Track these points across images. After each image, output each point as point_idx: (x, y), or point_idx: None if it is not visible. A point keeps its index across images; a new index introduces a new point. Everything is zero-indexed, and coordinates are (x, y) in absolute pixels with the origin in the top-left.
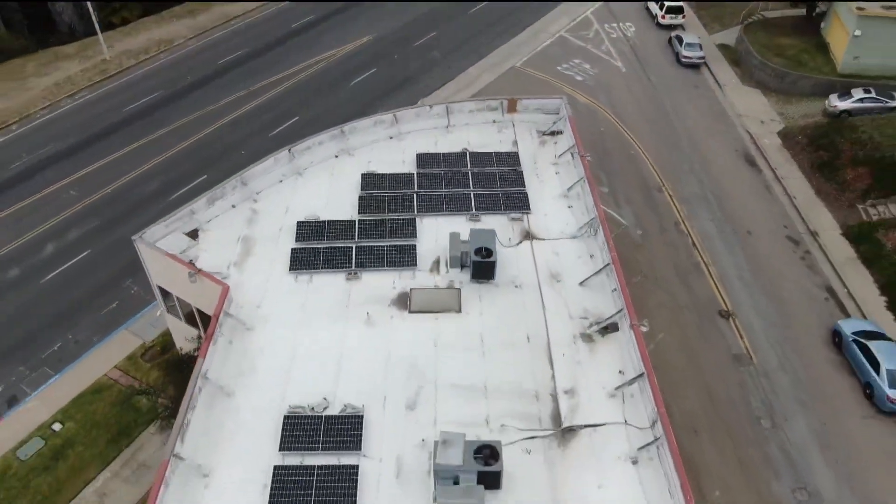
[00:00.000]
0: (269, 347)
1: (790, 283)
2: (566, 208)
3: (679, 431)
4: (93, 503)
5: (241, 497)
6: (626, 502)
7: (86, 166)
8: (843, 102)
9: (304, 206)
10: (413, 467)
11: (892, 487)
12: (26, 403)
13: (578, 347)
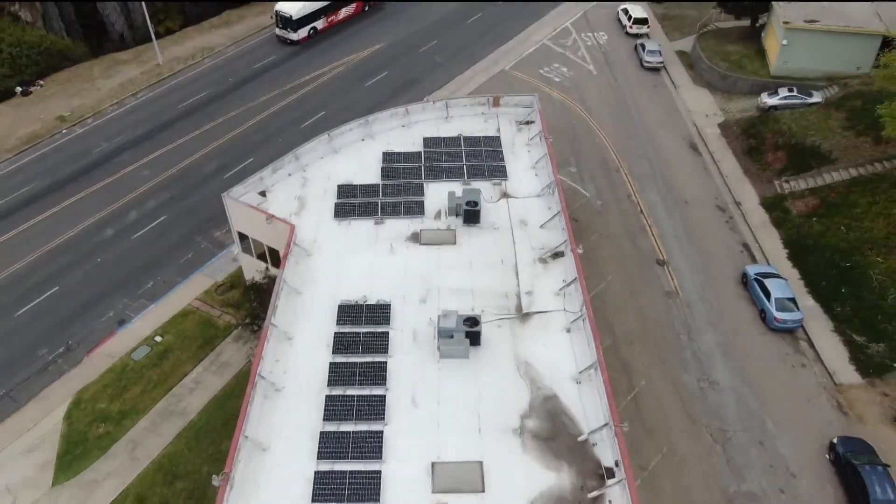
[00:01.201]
0: (323, 265)
1: (714, 240)
2: (533, 176)
3: (619, 342)
4: (190, 388)
5: (312, 351)
6: (561, 354)
7: (154, 151)
8: (771, 99)
9: (341, 174)
10: (424, 335)
11: (767, 376)
12: (132, 323)
13: (536, 266)
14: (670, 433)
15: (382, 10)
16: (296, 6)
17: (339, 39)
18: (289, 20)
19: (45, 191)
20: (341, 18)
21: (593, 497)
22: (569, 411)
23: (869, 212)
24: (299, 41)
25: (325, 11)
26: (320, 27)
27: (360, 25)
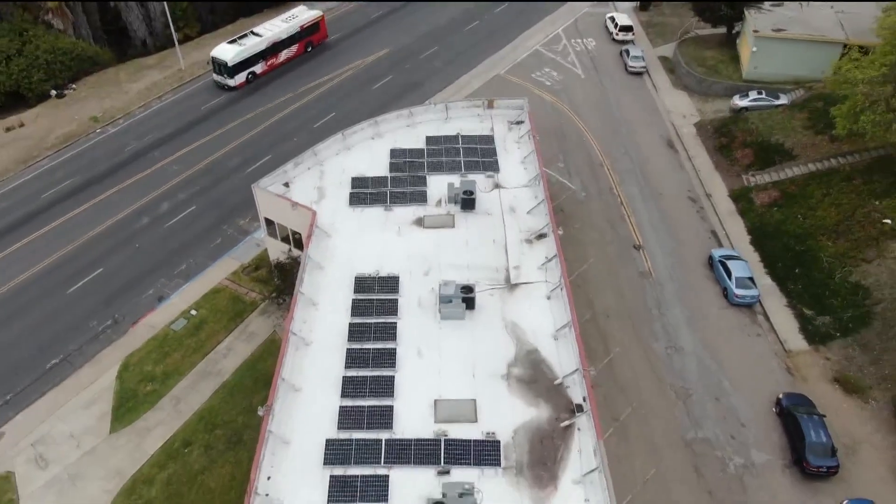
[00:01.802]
0: (341, 245)
1: (686, 227)
2: (522, 169)
3: (598, 315)
4: (224, 353)
5: (334, 314)
6: (541, 316)
7: (181, 149)
8: (742, 101)
9: (354, 168)
10: (427, 301)
11: (726, 344)
12: (170, 300)
13: (522, 246)
14: (640, 391)
15: (328, 48)
16: (232, 51)
17: (347, 46)
18: (224, 66)
19: (85, 184)
20: (282, 61)
21: (565, 426)
22: (547, 361)
23: (822, 202)
24: (237, 87)
25: (265, 55)
26: (259, 71)
27: (366, 33)
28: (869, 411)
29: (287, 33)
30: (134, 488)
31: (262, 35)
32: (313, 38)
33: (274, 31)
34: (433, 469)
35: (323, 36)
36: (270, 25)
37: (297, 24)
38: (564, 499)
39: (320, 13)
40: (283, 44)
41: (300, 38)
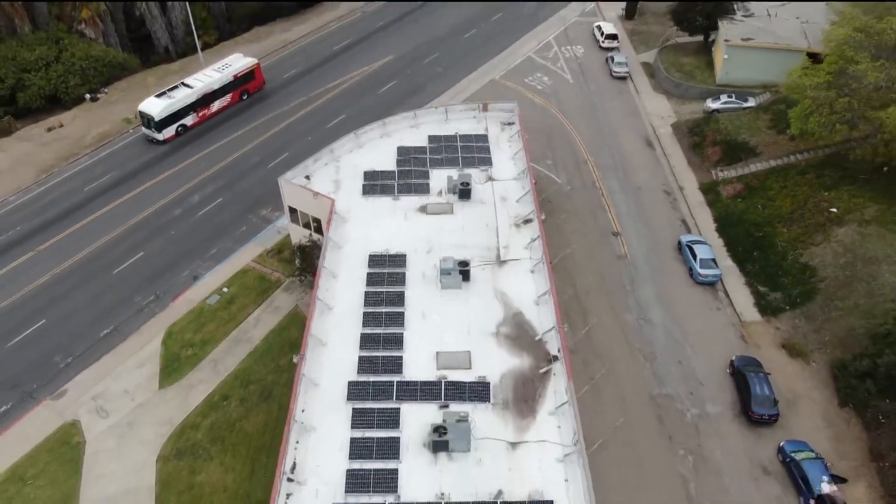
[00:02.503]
0: (356, 228)
1: (659, 216)
2: (512, 164)
3: (579, 292)
4: (253, 324)
5: (352, 285)
6: (526, 286)
7: (207, 147)
8: (714, 104)
9: (366, 163)
10: (430, 275)
11: (690, 316)
12: (204, 279)
13: (511, 229)
14: (613, 356)
15: (266, 97)
16: (159, 105)
17: (354, 53)
18: (151, 120)
19: (122, 179)
20: (215, 111)
21: (543, 372)
22: (529, 322)
23: (780, 194)
24: (166, 140)
25: (195, 106)
26: (190, 123)
27: (372, 40)
28: (809, 371)
29: (220, 83)
30: (182, 432)
31: (192, 86)
32: (249, 87)
33: (206, 82)
34: (436, 404)
35: (259, 83)
36: (202, 76)
37: (230, 73)
38: (541, 426)
39: (255, 61)
40: (215, 94)
41: (234, 87)
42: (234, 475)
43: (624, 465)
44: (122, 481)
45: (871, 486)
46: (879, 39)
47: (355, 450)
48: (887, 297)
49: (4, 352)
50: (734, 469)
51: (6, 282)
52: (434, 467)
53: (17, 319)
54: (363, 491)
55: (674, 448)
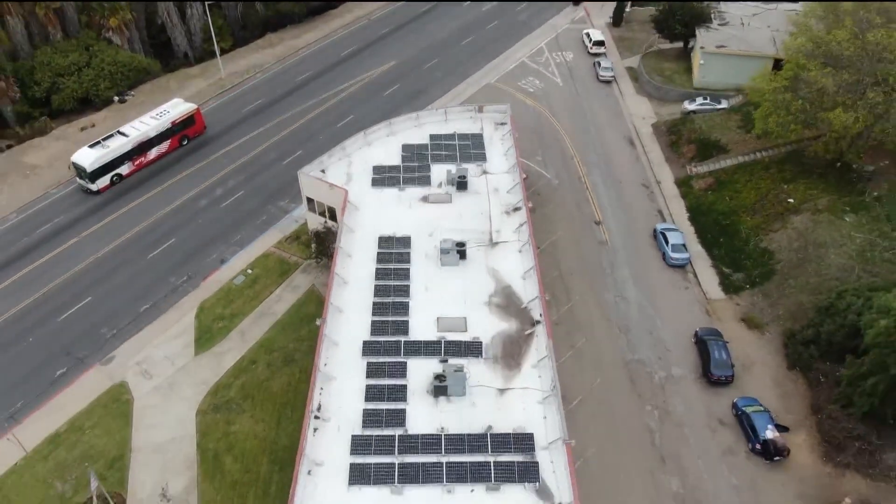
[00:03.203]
0: (367, 215)
1: (638, 207)
2: (504, 159)
3: (564, 273)
4: (275, 300)
5: (364, 263)
6: (514, 264)
7: (227, 145)
8: (690, 105)
9: (375, 159)
10: (431, 254)
11: (662, 294)
12: (230, 262)
13: (502, 216)
14: (592, 327)
15: (207, 143)
16: (91, 156)
17: (360, 58)
18: (84, 172)
19: (151, 174)
20: (152, 159)
21: (527, 334)
22: (516, 293)
23: (746, 186)
24: (100, 191)
25: (131, 155)
26: (126, 172)
27: (376, 47)
28: (763, 340)
29: (157, 131)
30: (217, 391)
31: (128, 135)
32: (188, 132)
33: (142, 130)
34: (436, 359)
35: (199, 128)
36: (139, 124)
37: (167, 120)
38: (524, 376)
39: (194, 107)
40: (152, 142)
41: (172, 133)
42: (263, 425)
43: (599, 418)
44: (168, 431)
45: (810, 433)
46: (827, 49)
47: (370, 394)
48: (832, 276)
49: (57, 325)
50: (694, 421)
51: (53, 265)
52: (435, 408)
53: (65, 297)
54: (377, 426)
55: (642, 404)
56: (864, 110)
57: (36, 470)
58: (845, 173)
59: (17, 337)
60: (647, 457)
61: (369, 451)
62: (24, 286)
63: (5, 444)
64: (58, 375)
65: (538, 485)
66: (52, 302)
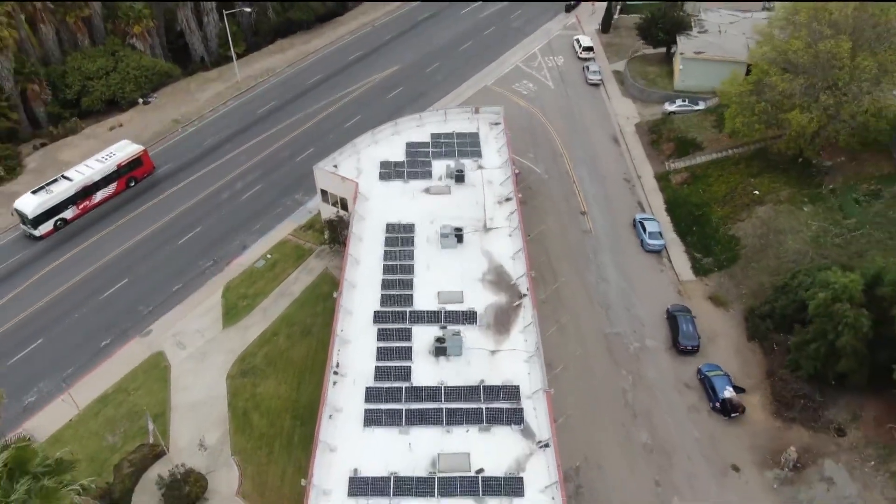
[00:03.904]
0: (375, 205)
1: (620, 199)
2: (497, 156)
3: (551, 258)
4: (293, 282)
5: (374, 246)
6: (505, 246)
7: (245, 143)
8: (670, 107)
9: (381, 155)
10: (432, 238)
11: (639, 277)
12: (251, 248)
13: (495, 206)
14: (576, 305)
15: (157, 184)
16: (33, 202)
17: (366, 63)
18: (25, 218)
19: (177, 169)
20: (98, 202)
21: (515, 305)
22: (507, 271)
23: (717, 180)
24: (43, 236)
25: (76, 199)
26: (70, 216)
27: (381, 52)
28: (727, 316)
29: (102, 174)
30: (244, 358)
31: (72, 179)
32: (136, 174)
33: (87, 174)
34: (437, 325)
35: (147, 169)
36: (84, 167)
37: (113, 163)
38: (513, 339)
39: (142, 148)
40: (97, 185)
41: (119, 176)
42: (285, 387)
43: (581, 382)
44: (202, 392)
45: (764, 394)
46: (786, 57)
47: (380, 355)
48: (789, 259)
49: (100, 302)
50: (663, 384)
51: (94, 250)
52: (436, 366)
53: (105, 278)
54: (387, 380)
55: (618, 370)
56: (817, 112)
57: (89, 425)
58: (805, 168)
59: (65, 313)
60: (621, 414)
61: (381, 400)
62: (68, 269)
63: (61, 404)
64: (103, 346)
65: (522, 426)
66: (94, 282)
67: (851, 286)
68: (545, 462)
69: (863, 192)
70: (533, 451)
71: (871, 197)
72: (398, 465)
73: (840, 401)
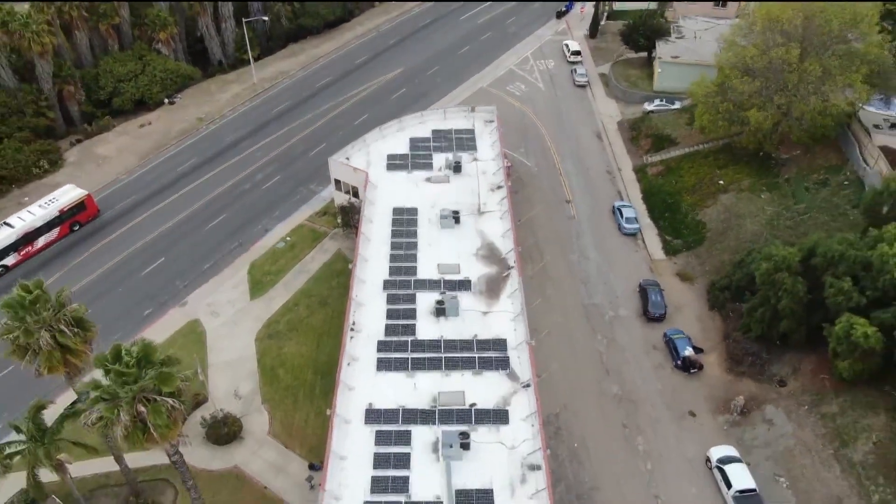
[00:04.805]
0: (383, 191)
1: (601, 189)
2: (490, 150)
3: (539, 241)
4: (310, 260)
5: (382, 227)
6: (496, 227)
7: (263, 140)
8: (649, 106)
9: (388, 149)
10: (433, 220)
11: (616, 256)
12: (272, 231)
13: (488, 192)
14: (560, 280)
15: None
16: None
17: (371, 66)
18: None
19: (202, 163)
20: (40, 248)
21: (504, 275)
22: (497, 247)
23: (688, 172)
24: None
25: (17, 246)
26: (11, 263)
27: (385, 56)
28: (692, 290)
29: (43, 220)
30: (269, 324)
31: (13, 226)
32: (79, 218)
33: (28, 220)
34: (437, 292)
35: (91, 213)
36: (26, 214)
37: (55, 208)
38: (501, 303)
39: (85, 193)
40: (39, 231)
41: (61, 221)
42: (306, 348)
43: (561, 345)
44: (235, 352)
45: (720, 354)
46: (745, 62)
47: (389, 315)
48: (747, 239)
49: (140, 279)
50: (633, 347)
51: (130, 234)
52: (436, 324)
53: (143, 258)
54: (395, 335)
55: (595, 335)
56: (772, 110)
57: None
58: (765, 161)
59: (110, 287)
60: (596, 371)
61: (390, 350)
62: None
63: None
64: (145, 315)
65: (508, 370)
66: (134, 261)
67: (790, 257)
68: (526, 399)
69: (812, 181)
70: (517, 390)
71: (819, 185)
72: (405, 400)
73: (783, 357)
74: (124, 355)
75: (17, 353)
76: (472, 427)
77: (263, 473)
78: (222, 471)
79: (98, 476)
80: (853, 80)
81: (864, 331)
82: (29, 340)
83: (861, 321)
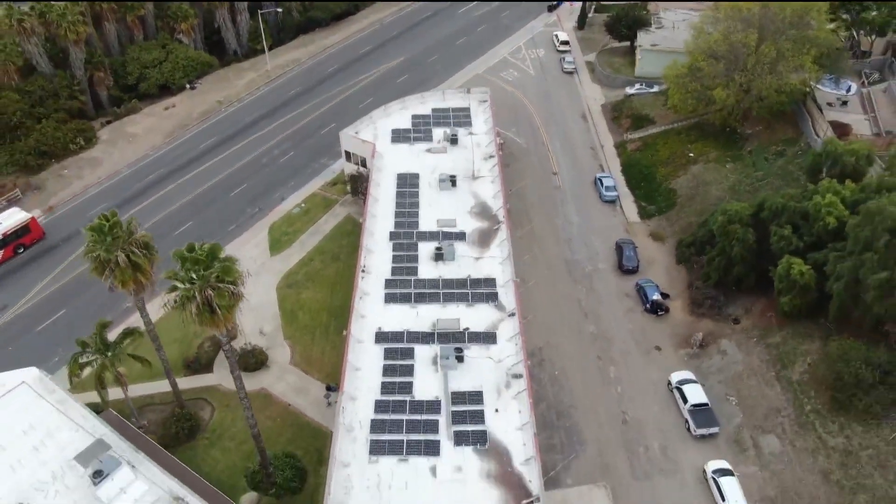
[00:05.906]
0: (389, 160)
1: (585, 163)
2: (484, 125)
3: (528, 207)
4: (322, 223)
5: (388, 189)
6: (489, 189)
7: (278, 120)
8: (630, 90)
9: (392, 124)
10: (433, 184)
11: (597, 220)
12: (288, 199)
13: (481, 161)
14: (545, 240)
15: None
16: None
17: (376, 55)
18: None
19: (224, 140)
20: None
21: (494, 229)
22: (489, 206)
23: (663, 147)
24: None
25: None
26: None
27: (388, 46)
28: (663, 247)
29: None
30: (288, 276)
31: None
32: (24, 241)
33: None
34: (436, 242)
35: (36, 235)
36: None
37: None
38: (491, 251)
39: (29, 216)
40: None
41: (5, 244)
42: (321, 295)
43: (546, 293)
44: (259, 299)
45: (684, 300)
46: (710, 47)
47: (395, 260)
48: (711, 203)
49: (172, 239)
50: (608, 295)
51: (161, 203)
52: (436, 268)
53: (173, 223)
54: (400, 275)
55: (576, 285)
56: (734, 88)
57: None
58: (731, 135)
59: None
60: (575, 314)
61: (396, 287)
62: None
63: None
64: None
65: (496, 303)
66: (163, 225)
67: (741, 210)
68: (511, 324)
69: (771, 153)
70: (503, 318)
71: (776, 156)
72: (409, 325)
73: (737, 300)
74: (197, 250)
75: (97, 269)
76: (466, 346)
77: (287, 394)
78: (252, 392)
79: (144, 396)
80: (804, 61)
81: (800, 269)
82: (109, 257)
83: (798, 261)
